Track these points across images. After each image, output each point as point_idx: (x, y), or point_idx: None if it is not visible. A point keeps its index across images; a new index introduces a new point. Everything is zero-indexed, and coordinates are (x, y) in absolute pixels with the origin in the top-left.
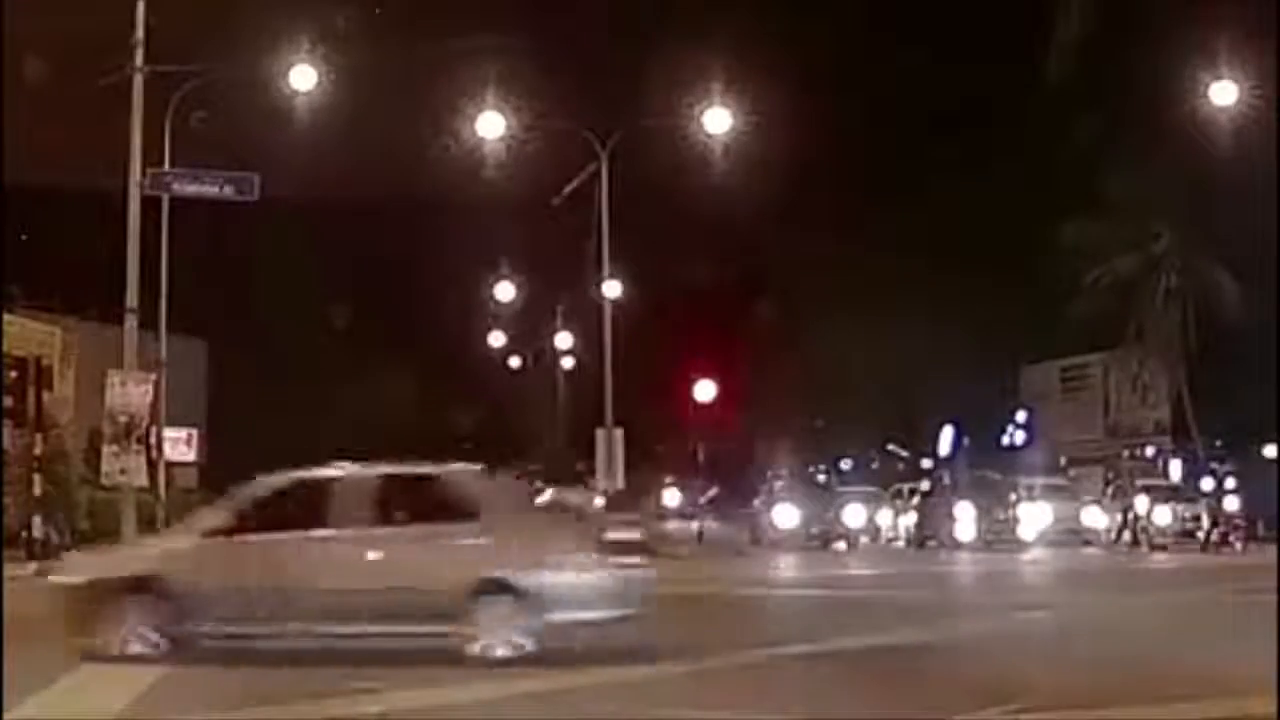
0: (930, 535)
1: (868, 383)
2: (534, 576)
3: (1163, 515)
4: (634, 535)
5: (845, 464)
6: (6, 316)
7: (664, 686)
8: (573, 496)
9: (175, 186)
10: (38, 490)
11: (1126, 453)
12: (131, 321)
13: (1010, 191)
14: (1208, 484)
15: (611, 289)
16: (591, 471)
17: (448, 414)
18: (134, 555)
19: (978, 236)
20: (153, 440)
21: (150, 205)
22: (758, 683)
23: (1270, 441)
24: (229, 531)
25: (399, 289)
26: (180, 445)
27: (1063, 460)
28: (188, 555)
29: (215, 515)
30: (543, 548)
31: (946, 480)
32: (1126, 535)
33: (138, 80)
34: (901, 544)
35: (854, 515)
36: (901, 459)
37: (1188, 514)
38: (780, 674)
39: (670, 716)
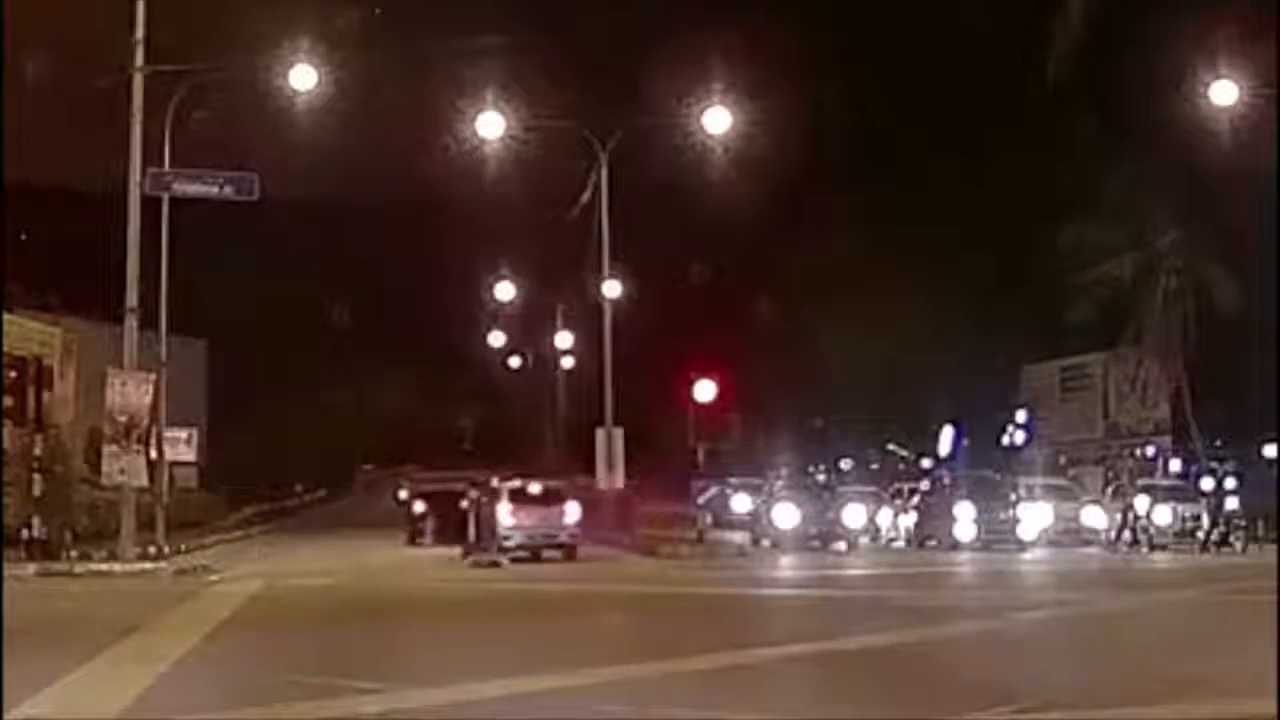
0: (930, 535)
1: (868, 383)
2: None
3: (1163, 515)
4: None
5: (845, 464)
6: (6, 316)
7: (664, 686)
8: None
9: (175, 186)
10: (38, 490)
11: (1126, 453)
12: (131, 321)
13: (1010, 192)
14: (1208, 484)
15: (611, 289)
16: None
17: (448, 414)
18: None
19: (978, 237)
20: (153, 440)
21: (150, 205)
22: (758, 683)
23: (1270, 441)
24: None
25: (399, 289)
26: (180, 445)
27: (1063, 460)
28: None
29: None
30: None
31: (946, 480)
32: (1126, 535)
33: (138, 80)
34: (901, 544)
35: (854, 515)
36: (901, 459)
37: (1188, 514)
38: (780, 674)
39: (670, 716)
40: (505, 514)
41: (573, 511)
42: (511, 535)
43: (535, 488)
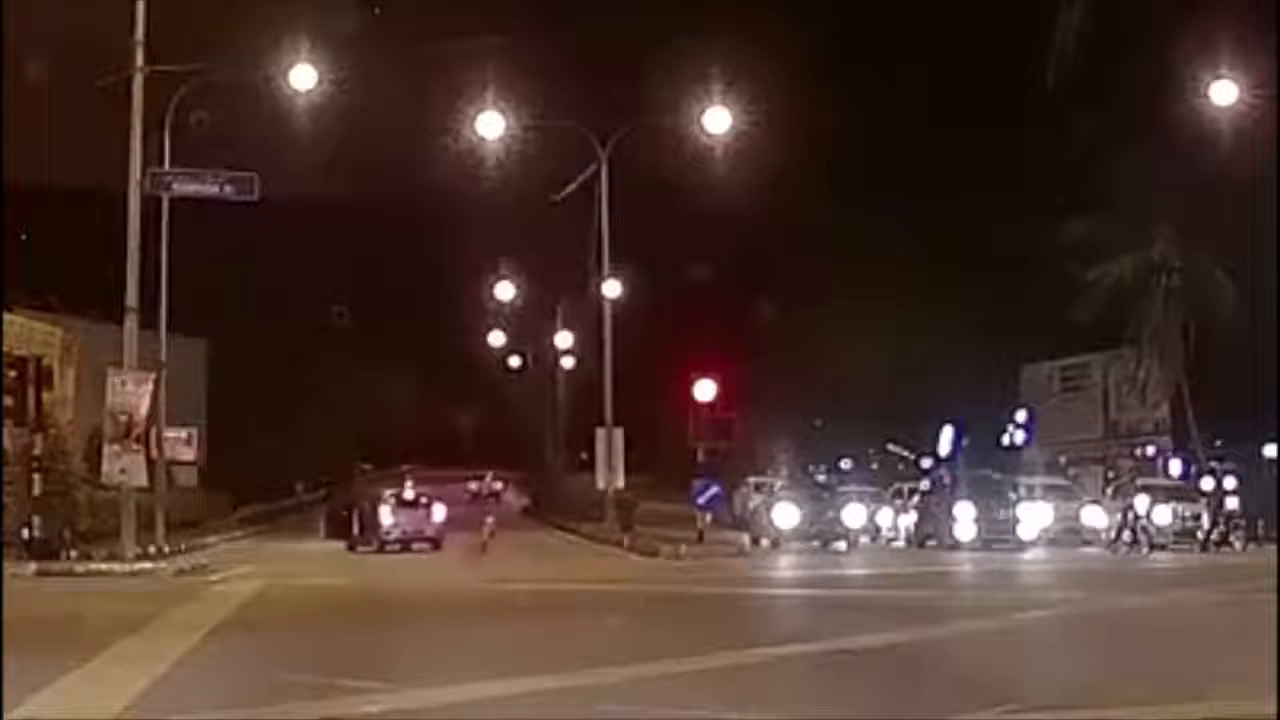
0: (930, 535)
1: (868, 383)
2: None
3: (1163, 515)
4: None
5: (845, 464)
6: (6, 316)
7: (664, 686)
8: None
9: (175, 186)
10: (38, 490)
11: (1126, 453)
12: (131, 321)
13: (1010, 191)
14: (1208, 484)
15: (611, 289)
16: None
17: (448, 414)
18: None
19: (978, 236)
20: (153, 440)
21: (150, 205)
22: (758, 683)
23: (1270, 441)
24: None
25: (399, 289)
26: (180, 445)
27: (1063, 460)
28: None
29: None
30: None
31: (946, 480)
32: (1126, 535)
33: (138, 80)
34: (901, 544)
35: (854, 515)
36: (901, 459)
37: (1188, 514)
38: (780, 674)
39: (670, 716)
40: (386, 514)
41: (439, 513)
42: (391, 531)
43: (409, 494)
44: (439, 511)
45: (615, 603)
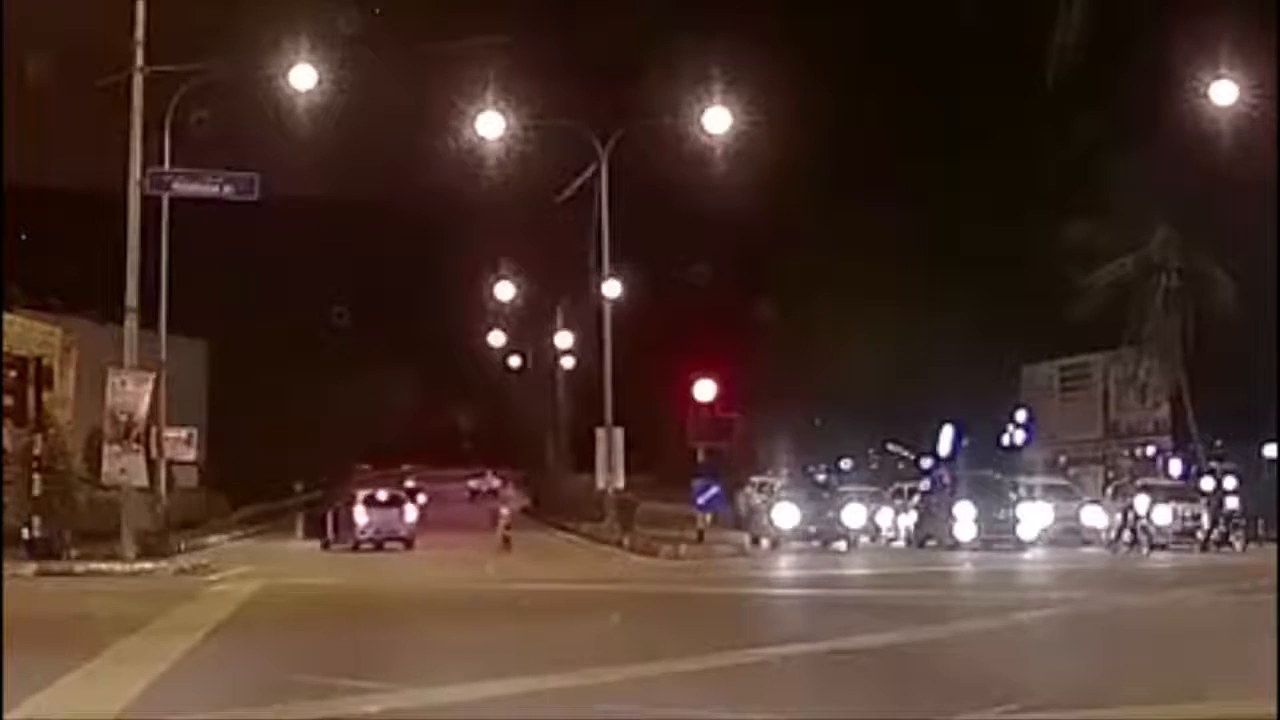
0: (930, 535)
1: (868, 383)
2: None
3: (1163, 515)
4: None
5: (845, 464)
6: (6, 316)
7: (664, 686)
8: None
9: (175, 186)
10: (38, 490)
11: (1126, 452)
12: (131, 321)
13: (1011, 192)
14: (1208, 484)
15: (611, 289)
16: None
17: (448, 413)
18: None
19: (978, 236)
20: (153, 440)
21: (150, 205)
22: (758, 683)
23: (1270, 441)
24: None
25: (399, 289)
26: (180, 445)
27: (1063, 460)
28: None
29: None
30: None
31: (946, 480)
32: (1126, 535)
33: (138, 80)
34: (901, 544)
35: (854, 515)
36: (901, 459)
37: (1188, 514)
38: (780, 674)
39: (670, 716)
40: (360, 514)
41: (410, 513)
42: (365, 530)
43: (382, 495)
44: (410, 512)
45: (615, 603)
